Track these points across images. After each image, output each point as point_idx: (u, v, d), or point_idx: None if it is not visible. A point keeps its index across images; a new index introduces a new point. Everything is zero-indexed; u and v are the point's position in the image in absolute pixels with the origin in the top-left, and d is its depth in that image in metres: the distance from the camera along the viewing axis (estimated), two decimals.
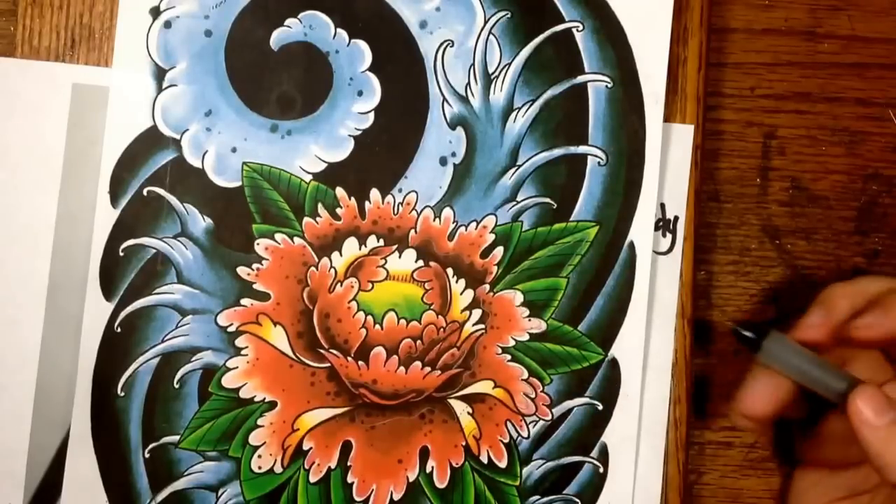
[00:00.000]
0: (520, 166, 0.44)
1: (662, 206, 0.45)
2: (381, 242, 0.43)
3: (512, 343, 0.44)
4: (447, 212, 0.43)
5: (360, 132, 0.43)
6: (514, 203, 0.44)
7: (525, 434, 0.44)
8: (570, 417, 0.44)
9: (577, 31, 0.44)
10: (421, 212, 0.43)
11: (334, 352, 0.43)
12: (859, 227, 0.48)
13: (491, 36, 0.44)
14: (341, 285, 0.43)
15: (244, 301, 0.42)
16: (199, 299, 0.42)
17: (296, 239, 0.43)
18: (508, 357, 0.44)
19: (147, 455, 0.42)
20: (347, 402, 0.43)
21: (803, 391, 0.39)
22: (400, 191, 0.43)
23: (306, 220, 0.43)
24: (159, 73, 0.42)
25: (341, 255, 0.43)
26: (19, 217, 0.42)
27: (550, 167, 0.44)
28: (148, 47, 0.42)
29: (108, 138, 0.42)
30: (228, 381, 0.42)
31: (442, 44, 0.43)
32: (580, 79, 0.44)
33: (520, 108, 0.44)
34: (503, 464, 0.44)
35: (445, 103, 0.43)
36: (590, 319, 0.44)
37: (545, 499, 0.44)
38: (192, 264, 0.42)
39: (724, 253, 0.47)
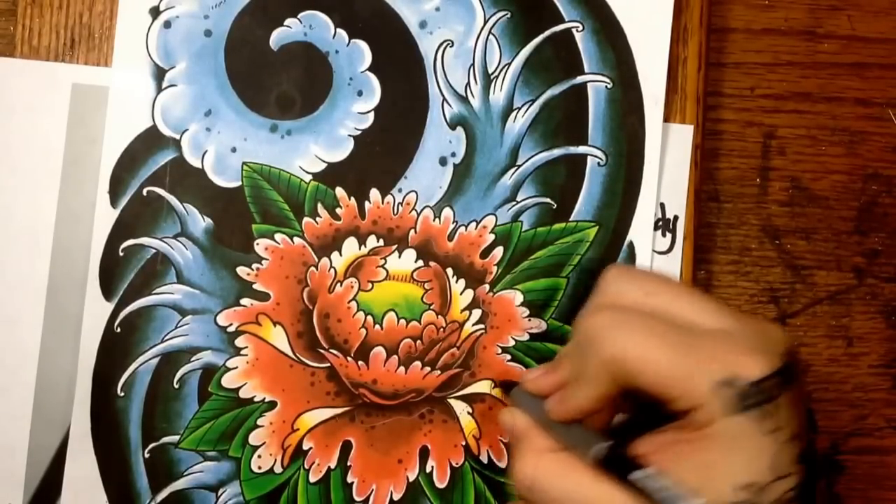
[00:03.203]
0: (519, 166, 0.44)
1: (662, 205, 0.45)
2: (381, 242, 0.43)
3: (512, 343, 0.44)
4: (447, 212, 0.43)
5: (359, 132, 0.43)
6: (514, 203, 0.44)
7: None
8: None
9: (577, 31, 0.44)
10: (421, 212, 0.43)
11: (334, 352, 0.43)
12: (859, 227, 0.48)
13: (491, 36, 0.44)
14: (341, 285, 0.43)
15: (244, 301, 0.42)
16: (199, 299, 0.42)
17: (296, 239, 0.43)
18: (508, 357, 0.44)
19: (147, 455, 0.42)
20: (347, 402, 0.43)
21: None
22: (400, 191, 0.43)
23: (306, 220, 0.43)
24: (159, 73, 0.42)
25: (341, 255, 0.43)
26: (19, 217, 0.42)
27: (550, 167, 0.44)
28: (148, 47, 0.42)
29: (108, 138, 0.42)
30: (228, 381, 0.42)
31: (442, 44, 0.43)
32: (580, 79, 0.44)
33: (520, 108, 0.44)
34: (503, 463, 0.44)
35: (445, 103, 0.43)
36: None
37: None
38: (192, 264, 0.42)
39: (724, 253, 0.47)
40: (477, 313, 0.44)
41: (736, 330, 0.32)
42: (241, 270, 0.42)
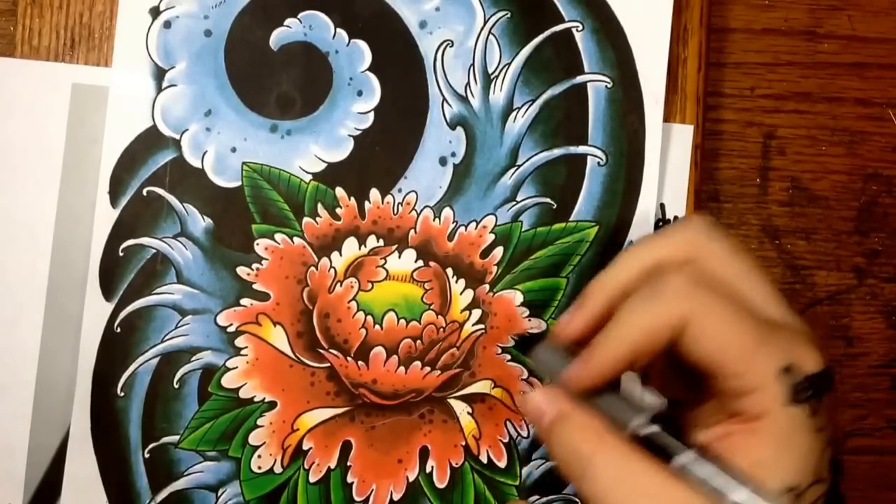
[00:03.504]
0: (519, 166, 0.44)
1: (662, 206, 0.45)
2: (381, 242, 0.43)
3: (511, 343, 0.44)
4: (447, 212, 0.43)
5: (359, 132, 0.43)
6: (514, 203, 0.44)
7: (525, 434, 0.44)
8: None
9: (577, 31, 0.44)
10: (421, 212, 0.43)
11: (334, 352, 0.43)
12: (859, 227, 0.48)
13: (491, 36, 0.44)
14: (341, 285, 0.43)
15: (244, 301, 0.42)
16: (199, 299, 0.42)
17: (295, 239, 0.43)
18: (508, 357, 0.44)
19: (147, 455, 0.42)
20: (347, 402, 0.43)
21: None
22: (400, 191, 0.43)
23: (306, 220, 0.43)
24: (159, 73, 0.42)
25: (341, 255, 0.43)
26: (19, 217, 0.42)
27: (550, 167, 0.44)
28: (148, 47, 0.42)
29: (108, 138, 0.42)
30: (228, 381, 0.42)
31: (442, 44, 0.43)
32: (580, 79, 0.44)
33: (520, 108, 0.44)
34: (503, 463, 0.44)
35: (445, 103, 0.43)
36: None
37: (545, 499, 0.44)
38: (192, 264, 0.42)
39: None
40: (477, 313, 0.44)
41: (796, 323, 0.33)
42: (241, 270, 0.42)
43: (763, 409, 0.31)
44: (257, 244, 0.42)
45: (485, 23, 0.44)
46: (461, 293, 0.43)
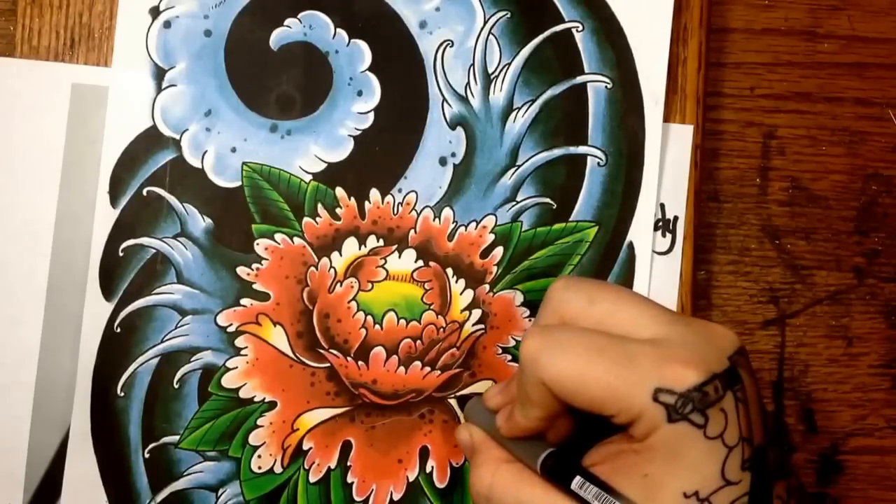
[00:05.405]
0: (519, 166, 0.44)
1: (662, 206, 0.45)
2: (381, 242, 0.43)
3: (512, 343, 0.44)
4: (447, 212, 0.43)
5: (359, 132, 0.43)
6: (514, 203, 0.44)
7: None
8: None
9: (577, 31, 0.44)
10: (421, 212, 0.43)
11: (334, 352, 0.43)
12: (859, 227, 0.48)
13: (491, 36, 0.44)
14: (341, 285, 0.43)
15: (244, 301, 0.42)
16: (199, 299, 0.42)
17: (295, 239, 0.43)
18: (508, 357, 0.44)
19: (147, 455, 0.42)
20: (347, 402, 0.43)
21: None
22: (400, 191, 0.43)
23: (306, 220, 0.43)
24: (159, 73, 0.42)
25: (341, 255, 0.43)
26: (19, 217, 0.42)
27: (550, 167, 0.44)
28: (147, 47, 0.42)
29: (108, 138, 0.42)
30: (228, 381, 0.42)
31: (442, 44, 0.43)
32: (580, 79, 0.44)
33: (519, 108, 0.44)
34: None
35: (445, 103, 0.43)
36: None
37: None
38: (192, 264, 0.42)
39: (724, 253, 0.47)
40: (477, 313, 0.44)
41: (675, 336, 0.32)
42: (241, 270, 0.42)
43: (649, 429, 0.31)
44: (257, 244, 0.42)
45: (485, 23, 0.44)
46: (461, 293, 0.43)
